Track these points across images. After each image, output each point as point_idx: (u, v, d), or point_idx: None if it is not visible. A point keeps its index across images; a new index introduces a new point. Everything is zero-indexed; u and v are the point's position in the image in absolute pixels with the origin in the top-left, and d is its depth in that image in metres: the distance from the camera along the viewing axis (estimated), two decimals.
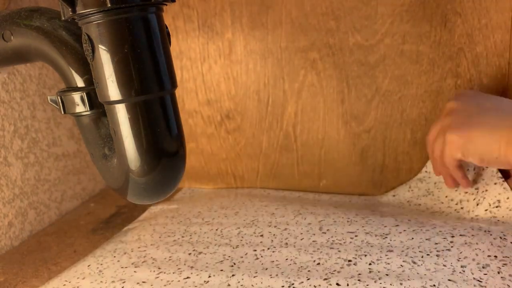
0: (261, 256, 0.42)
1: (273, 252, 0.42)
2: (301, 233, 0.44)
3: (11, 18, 0.37)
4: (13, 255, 0.54)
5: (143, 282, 0.41)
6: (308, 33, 0.58)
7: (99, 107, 0.36)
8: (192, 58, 0.64)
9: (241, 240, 0.46)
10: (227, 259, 0.43)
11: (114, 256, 0.47)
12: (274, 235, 0.45)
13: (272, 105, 0.63)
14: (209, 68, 0.64)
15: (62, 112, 0.37)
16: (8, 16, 0.37)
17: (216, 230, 0.49)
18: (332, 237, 0.42)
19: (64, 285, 0.44)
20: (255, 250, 0.43)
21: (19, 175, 0.57)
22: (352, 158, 0.61)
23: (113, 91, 0.31)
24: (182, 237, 0.49)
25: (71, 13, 0.30)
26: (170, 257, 0.45)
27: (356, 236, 0.42)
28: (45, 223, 0.61)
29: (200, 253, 0.45)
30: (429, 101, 0.56)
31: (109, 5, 0.29)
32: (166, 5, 0.33)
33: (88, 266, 0.46)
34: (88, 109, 0.36)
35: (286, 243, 0.43)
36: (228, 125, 0.66)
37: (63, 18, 0.31)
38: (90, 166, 0.70)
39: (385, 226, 0.42)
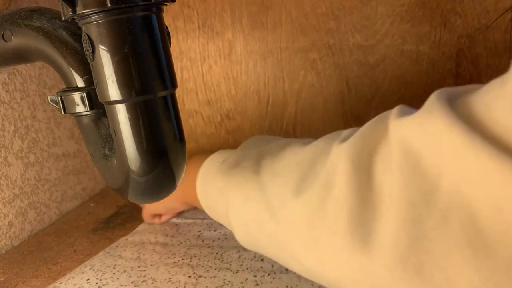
0: (261, 283, 0.42)
1: (273, 278, 0.42)
2: None
3: (11, 18, 0.37)
4: (13, 255, 0.54)
5: None
6: (308, 33, 0.58)
7: (99, 107, 0.36)
8: (192, 58, 0.64)
9: (241, 265, 0.46)
10: (227, 284, 0.43)
11: (114, 273, 0.47)
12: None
13: (272, 105, 0.63)
14: (209, 68, 0.64)
15: (62, 112, 0.37)
16: (8, 16, 0.37)
17: (217, 253, 0.49)
18: None
19: None
20: (255, 276, 0.43)
21: (19, 175, 0.57)
22: None
23: (113, 91, 0.31)
24: (182, 259, 0.49)
25: (71, 13, 0.30)
26: (170, 278, 0.45)
27: None
28: (45, 223, 0.61)
29: (200, 276, 0.45)
30: None
31: (109, 5, 0.29)
32: (166, 5, 0.33)
33: (87, 280, 0.46)
34: (88, 109, 0.36)
35: (286, 269, 0.43)
36: (228, 125, 0.66)
37: (63, 18, 0.31)
38: (90, 166, 0.70)
39: None
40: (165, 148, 0.34)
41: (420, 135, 0.25)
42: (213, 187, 0.43)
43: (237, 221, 0.40)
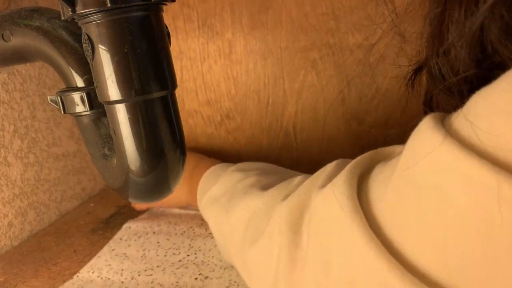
0: None
1: None
2: None
3: (11, 18, 0.37)
4: (13, 255, 0.54)
5: None
6: (308, 33, 0.58)
7: (99, 107, 0.36)
8: (192, 58, 0.64)
9: None
10: (233, 285, 0.43)
11: (122, 282, 0.47)
12: None
13: (272, 105, 0.63)
14: (209, 68, 0.64)
15: (62, 112, 0.37)
16: (8, 16, 0.37)
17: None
18: None
19: None
20: None
21: (19, 175, 0.57)
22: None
23: (113, 91, 0.31)
24: (188, 255, 0.49)
25: (71, 13, 0.30)
26: (177, 282, 0.45)
27: None
28: (45, 223, 0.61)
29: (206, 277, 0.45)
30: None
31: (109, 5, 0.29)
32: (166, 5, 0.33)
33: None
34: (88, 109, 0.36)
35: None
36: (228, 125, 0.66)
37: (63, 18, 0.31)
38: (90, 166, 0.70)
39: None
40: (165, 148, 0.33)
41: (322, 209, 0.30)
42: (203, 212, 0.50)
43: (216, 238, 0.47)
